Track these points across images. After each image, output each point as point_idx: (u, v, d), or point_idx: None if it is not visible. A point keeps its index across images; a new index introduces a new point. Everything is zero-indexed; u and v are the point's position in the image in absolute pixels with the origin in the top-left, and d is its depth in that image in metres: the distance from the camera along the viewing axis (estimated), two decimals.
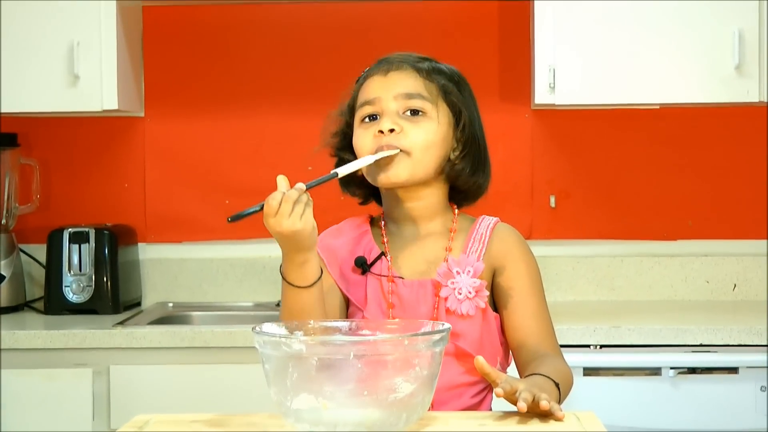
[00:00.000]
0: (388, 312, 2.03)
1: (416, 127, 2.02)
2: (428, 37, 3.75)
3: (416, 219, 2.09)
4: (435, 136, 2.03)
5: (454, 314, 2.00)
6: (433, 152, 2.04)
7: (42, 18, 3.46)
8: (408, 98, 2.03)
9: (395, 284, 2.04)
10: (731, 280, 3.77)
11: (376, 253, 2.07)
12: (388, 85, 2.04)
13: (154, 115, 3.83)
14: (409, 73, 2.05)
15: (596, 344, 3.15)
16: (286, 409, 1.64)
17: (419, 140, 2.02)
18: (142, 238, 3.83)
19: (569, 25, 3.45)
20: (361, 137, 2.05)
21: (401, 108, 2.03)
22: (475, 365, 1.77)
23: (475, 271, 2.01)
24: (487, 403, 2.07)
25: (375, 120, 2.04)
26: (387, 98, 2.03)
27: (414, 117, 2.03)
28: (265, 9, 3.81)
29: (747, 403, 3.10)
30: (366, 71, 2.12)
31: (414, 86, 2.04)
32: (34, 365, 3.21)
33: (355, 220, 2.14)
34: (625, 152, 3.78)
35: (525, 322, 2.03)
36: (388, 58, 2.10)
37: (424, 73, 2.06)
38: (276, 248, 1.93)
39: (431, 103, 2.04)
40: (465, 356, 1.99)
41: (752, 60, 3.40)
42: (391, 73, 2.06)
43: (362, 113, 2.06)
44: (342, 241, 2.11)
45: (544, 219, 3.79)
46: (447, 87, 2.06)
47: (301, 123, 3.77)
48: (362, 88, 2.08)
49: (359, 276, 2.07)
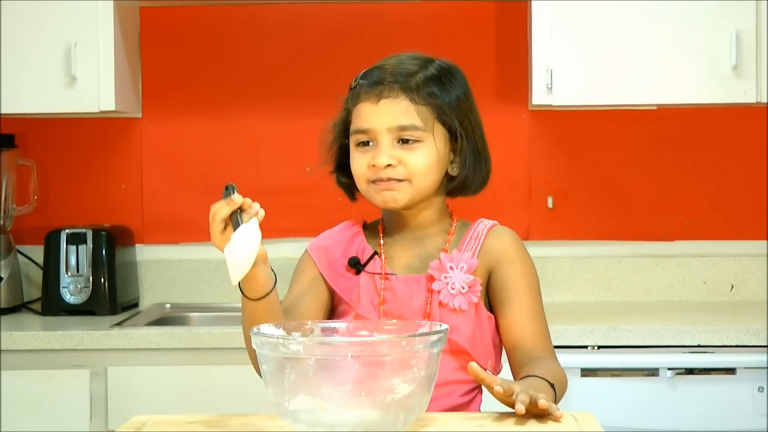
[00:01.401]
0: (380, 308, 2.03)
1: (413, 155, 2.02)
2: (425, 37, 3.75)
3: (415, 228, 2.10)
4: (432, 160, 2.03)
5: (447, 308, 2.00)
6: (432, 176, 2.04)
7: (39, 19, 3.46)
8: (401, 130, 2.02)
9: (388, 281, 2.04)
10: (729, 281, 3.77)
11: (368, 253, 2.08)
12: (380, 115, 2.02)
13: (151, 116, 3.83)
14: (400, 101, 2.02)
15: (594, 345, 3.15)
16: (283, 410, 1.64)
17: (418, 168, 2.02)
18: (139, 239, 3.83)
19: (567, 25, 3.45)
20: (357, 162, 2.05)
21: (395, 137, 2.02)
22: (468, 371, 1.77)
23: (469, 267, 2.02)
24: (477, 403, 2.07)
25: (368, 145, 2.04)
26: (380, 130, 2.02)
27: (410, 144, 2.02)
28: (262, 10, 3.81)
29: (744, 404, 3.10)
30: (358, 81, 2.07)
31: (407, 116, 2.02)
32: (31, 366, 3.21)
33: (347, 223, 2.15)
34: (623, 153, 3.78)
35: (520, 323, 2.03)
36: (378, 76, 2.04)
37: (416, 95, 2.02)
38: (272, 250, 1.93)
39: (425, 131, 2.02)
40: (458, 352, 1.99)
41: (749, 61, 3.40)
42: (382, 101, 2.02)
43: (356, 139, 2.05)
44: (334, 242, 2.11)
45: (541, 220, 3.79)
46: (441, 107, 2.04)
47: (298, 124, 3.77)
48: (354, 111, 2.06)
49: (352, 276, 2.07)
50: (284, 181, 3.79)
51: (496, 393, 1.75)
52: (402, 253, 2.08)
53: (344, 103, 2.11)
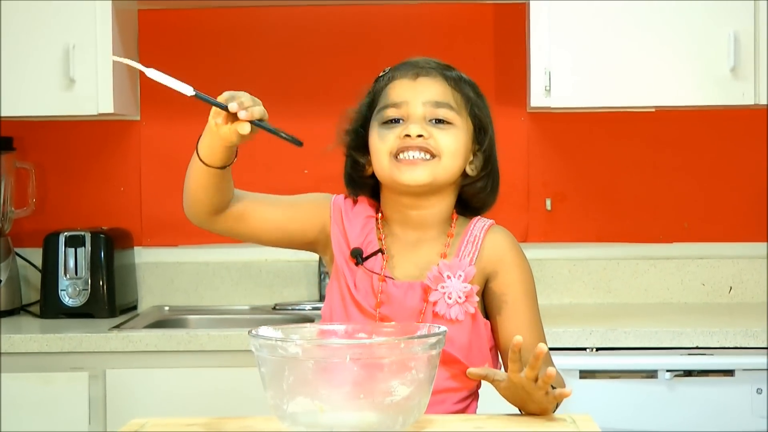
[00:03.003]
0: (376, 310, 2.02)
1: (443, 134, 2.02)
2: (424, 39, 3.75)
3: (417, 226, 2.07)
4: (461, 144, 2.04)
5: (443, 319, 1.98)
6: (458, 160, 2.04)
7: (37, 21, 3.46)
8: (436, 106, 2.03)
9: (385, 283, 2.03)
10: (727, 283, 3.77)
11: (373, 247, 2.06)
12: (417, 90, 2.03)
13: (149, 119, 3.83)
14: (438, 81, 2.05)
15: (592, 347, 3.15)
16: (282, 412, 1.64)
17: (448, 147, 2.02)
18: (138, 242, 3.83)
19: (565, 27, 3.45)
20: (383, 137, 2.03)
21: (428, 115, 2.02)
22: (468, 377, 1.77)
23: (467, 275, 2.00)
24: (472, 410, 2.06)
25: (398, 123, 2.03)
26: (415, 103, 2.02)
27: (440, 125, 2.02)
28: (261, 12, 3.81)
29: (743, 406, 3.10)
30: (389, 71, 2.09)
31: (443, 95, 2.04)
32: (30, 369, 3.21)
33: (367, 207, 2.11)
34: (621, 155, 3.79)
35: (519, 330, 2.00)
36: (414, 62, 2.08)
37: (452, 81, 2.05)
38: (271, 252, 1.93)
39: (458, 113, 2.04)
40: (451, 362, 1.97)
41: (747, 62, 3.40)
42: (420, 78, 2.05)
43: (386, 115, 2.04)
44: (352, 222, 2.08)
45: (540, 222, 3.80)
46: (472, 99, 2.07)
47: (296, 126, 3.75)
48: (388, 89, 2.06)
49: (352, 263, 2.06)
50: (282, 183, 3.78)
51: (518, 379, 1.76)
52: (402, 255, 2.06)
53: (369, 90, 2.10)
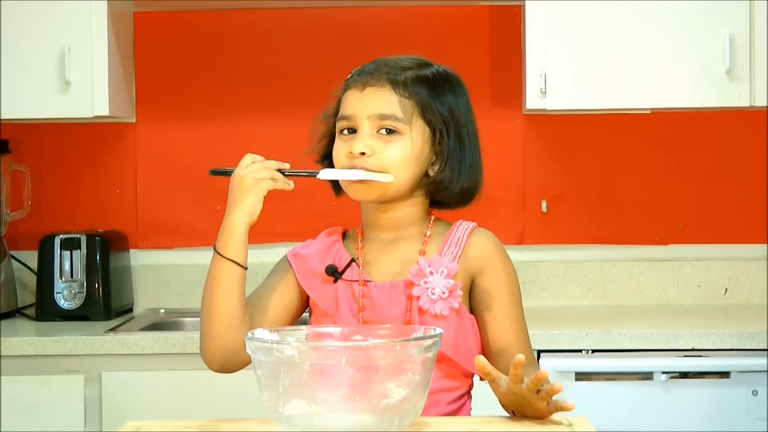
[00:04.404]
0: (359, 315, 2.02)
1: (389, 147, 2.01)
2: (419, 41, 3.75)
3: (392, 228, 2.08)
4: (408, 154, 2.02)
5: (428, 314, 1.98)
6: (407, 171, 2.02)
7: (33, 24, 3.45)
8: (381, 119, 2.02)
9: (366, 287, 2.03)
10: (723, 285, 3.77)
11: (346, 260, 2.06)
12: (362, 102, 2.03)
13: (145, 121, 3.82)
14: (385, 90, 2.03)
15: (588, 349, 3.15)
16: (278, 414, 1.64)
17: (392, 160, 2.01)
18: (133, 244, 3.82)
19: (560, 29, 3.45)
20: (338, 149, 2.05)
21: (375, 127, 2.02)
22: (475, 364, 1.77)
23: (449, 271, 1.99)
24: (466, 410, 2.05)
25: (353, 133, 2.04)
26: (361, 117, 2.02)
27: (388, 135, 2.02)
28: (256, 15, 3.81)
29: (738, 408, 3.10)
30: (353, 73, 2.10)
31: (388, 106, 2.02)
32: (25, 372, 3.21)
33: (326, 232, 2.14)
34: (617, 157, 3.79)
35: (504, 331, 2.01)
36: (367, 69, 2.07)
37: (402, 88, 2.03)
38: (269, 254, 1.93)
39: (404, 123, 2.02)
40: (441, 359, 1.95)
41: (743, 64, 3.41)
42: (367, 89, 2.04)
43: (340, 126, 2.06)
44: (312, 251, 2.10)
45: (535, 223, 3.79)
46: (424, 103, 2.04)
47: (291, 128, 3.75)
48: (342, 99, 2.07)
49: (330, 284, 2.05)
50: None
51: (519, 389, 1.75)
52: (380, 258, 2.06)
53: (338, 95, 2.11)
